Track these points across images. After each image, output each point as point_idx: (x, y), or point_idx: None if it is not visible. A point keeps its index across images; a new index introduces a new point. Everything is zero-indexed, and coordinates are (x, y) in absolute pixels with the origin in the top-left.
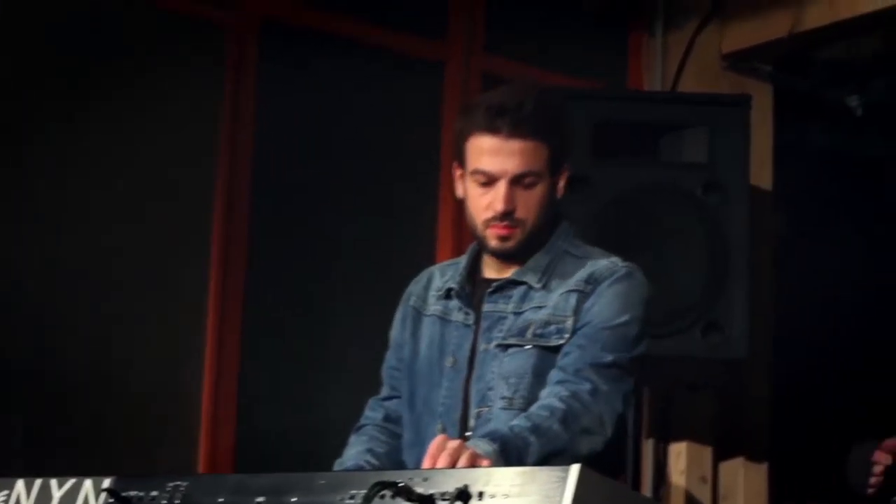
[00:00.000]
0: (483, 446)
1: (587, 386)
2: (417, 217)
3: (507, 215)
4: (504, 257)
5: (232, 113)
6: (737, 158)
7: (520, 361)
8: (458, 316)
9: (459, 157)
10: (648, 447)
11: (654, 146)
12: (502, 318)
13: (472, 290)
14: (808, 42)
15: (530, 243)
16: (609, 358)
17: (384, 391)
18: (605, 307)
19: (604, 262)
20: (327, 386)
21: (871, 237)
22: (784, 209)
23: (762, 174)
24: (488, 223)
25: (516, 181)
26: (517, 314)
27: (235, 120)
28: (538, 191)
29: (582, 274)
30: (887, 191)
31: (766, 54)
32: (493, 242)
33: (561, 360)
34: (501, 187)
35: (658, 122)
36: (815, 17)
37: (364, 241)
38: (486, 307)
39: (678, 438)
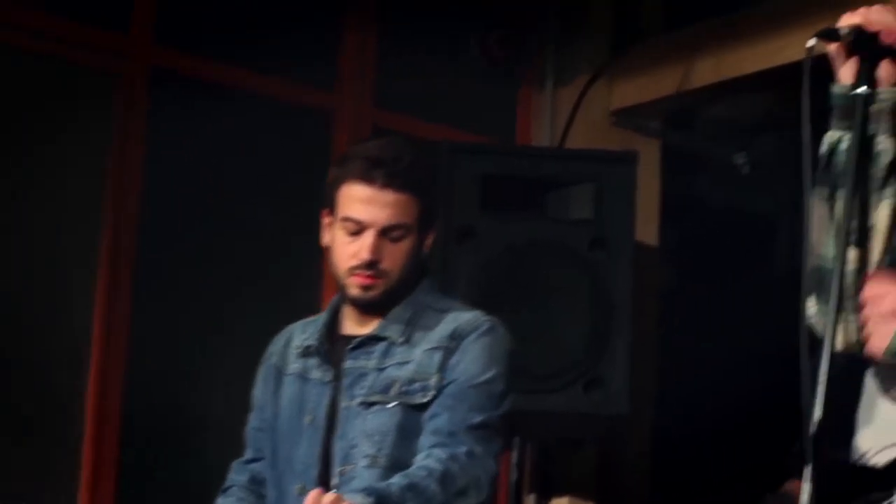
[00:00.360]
0: (359, 500)
1: (463, 449)
2: (304, 264)
3: (372, 265)
4: (364, 308)
5: (119, 160)
6: (622, 215)
7: (383, 419)
8: (316, 373)
9: (330, 205)
10: (530, 502)
11: (542, 201)
12: (364, 375)
13: (332, 346)
14: (695, 99)
15: (392, 296)
16: (480, 419)
17: (248, 453)
18: (471, 364)
19: (466, 317)
20: None
21: (758, 293)
22: (672, 264)
23: (649, 230)
24: (352, 271)
25: (385, 233)
26: (380, 370)
27: (123, 168)
28: (405, 244)
29: (445, 329)
30: (774, 247)
31: (655, 111)
32: (354, 291)
33: (432, 423)
34: (369, 237)
35: (545, 177)
36: (702, 76)
37: (251, 289)
38: (348, 363)
39: (559, 494)
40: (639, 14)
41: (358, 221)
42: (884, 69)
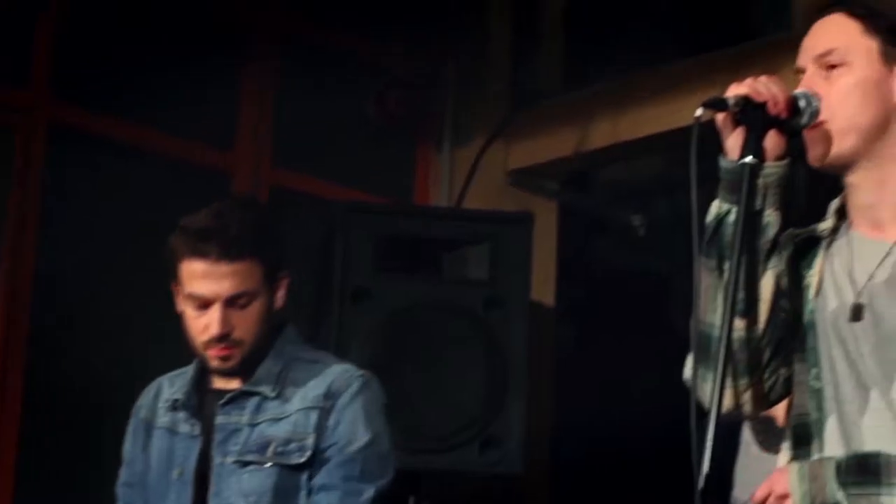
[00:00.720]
0: None
1: None
2: None
3: (224, 338)
4: (228, 374)
5: (16, 216)
6: (518, 275)
7: (260, 479)
8: (185, 427)
9: (174, 277)
10: None
11: (438, 261)
12: (237, 431)
13: (201, 400)
14: (592, 161)
15: (253, 357)
16: (371, 491)
17: None
18: (350, 426)
19: (338, 371)
20: None
21: (653, 352)
22: (570, 324)
23: (545, 290)
24: (206, 345)
25: (230, 303)
26: (252, 426)
27: (20, 223)
28: (254, 308)
29: (319, 386)
30: (670, 306)
31: (552, 172)
32: (214, 363)
33: (324, 497)
34: (216, 311)
35: (441, 237)
36: (599, 137)
37: (145, 346)
38: (220, 419)
39: None
40: (536, 74)
41: (200, 297)
42: (770, 141)
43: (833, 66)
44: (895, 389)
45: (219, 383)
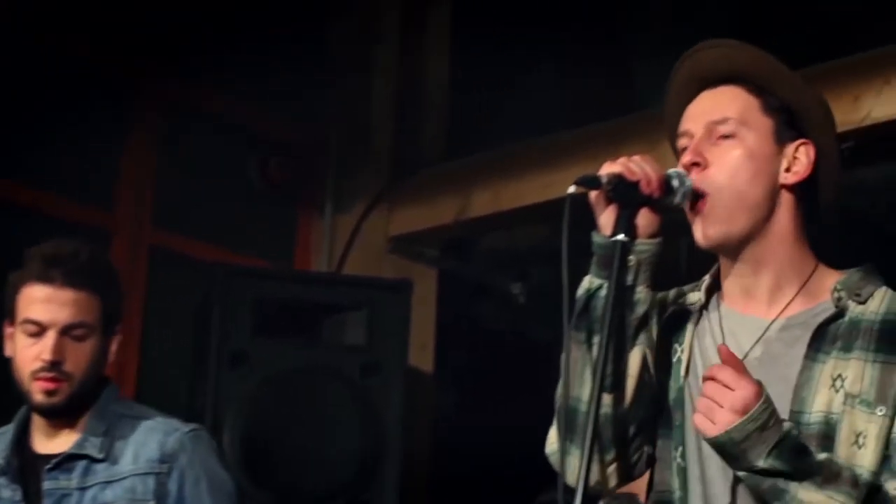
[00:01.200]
0: None
1: None
2: None
3: (54, 366)
4: (50, 415)
5: None
6: (395, 341)
7: None
8: (6, 493)
9: (11, 313)
10: None
11: (317, 326)
12: (66, 496)
13: (22, 463)
14: (473, 229)
15: (77, 401)
16: None
17: None
18: (194, 488)
19: (166, 429)
20: None
21: (534, 418)
22: (450, 390)
23: (424, 356)
24: (35, 375)
25: (66, 332)
26: (82, 489)
27: None
28: (88, 345)
29: (150, 447)
30: (550, 373)
31: (432, 239)
32: (38, 397)
33: None
34: (50, 338)
35: (320, 302)
36: (480, 206)
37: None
38: (47, 484)
39: None
40: (419, 143)
41: (38, 322)
42: (643, 219)
43: (724, 137)
44: None
45: (41, 445)
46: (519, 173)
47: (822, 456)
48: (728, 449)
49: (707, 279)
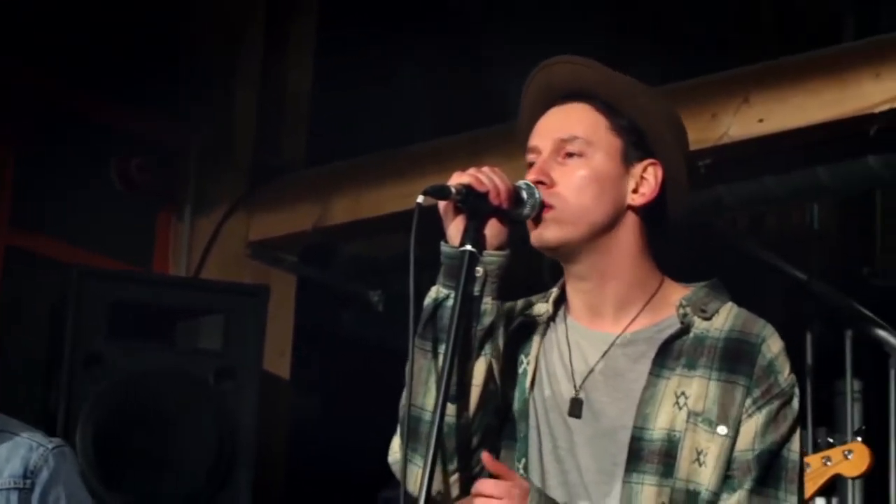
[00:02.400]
0: None
1: None
2: None
3: None
4: None
5: None
6: (251, 346)
7: None
8: None
9: None
10: None
11: (172, 330)
12: None
13: None
14: (332, 236)
15: None
16: None
17: None
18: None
19: (30, 443)
20: None
21: (391, 425)
22: (307, 396)
23: (281, 362)
24: None
25: None
26: None
27: None
28: None
29: (13, 462)
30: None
31: (292, 245)
32: None
33: None
34: None
35: (176, 307)
36: (340, 213)
37: None
38: None
39: None
40: (280, 149)
41: None
42: (491, 230)
43: (572, 155)
44: (604, 489)
45: None
46: (378, 182)
47: None
48: None
49: (555, 291)
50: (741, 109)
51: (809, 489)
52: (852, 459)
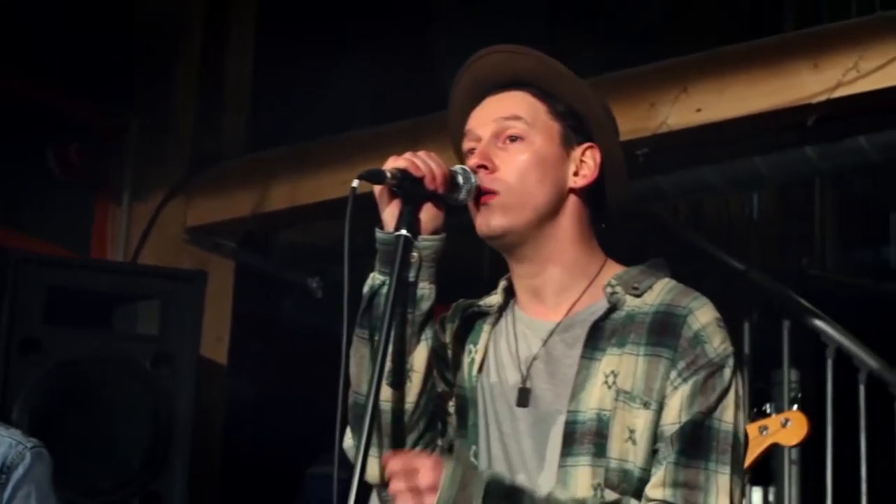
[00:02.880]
0: None
1: None
2: None
3: None
4: None
5: None
6: (188, 332)
7: None
8: None
9: None
10: None
11: (110, 315)
12: None
13: None
14: (271, 223)
15: None
16: None
17: None
18: (25, 500)
19: (9, 441)
20: None
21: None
22: (245, 381)
23: (218, 347)
24: None
25: None
26: None
27: None
28: None
29: None
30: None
31: (230, 231)
32: None
33: None
34: None
35: (113, 292)
36: (278, 200)
37: None
38: None
39: None
40: (219, 136)
41: None
42: (426, 214)
43: (512, 139)
44: (543, 475)
45: None
46: (317, 169)
47: (540, 496)
48: None
49: (504, 281)
50: (680, 99)
51: (746, 459)
52: (790, 428)
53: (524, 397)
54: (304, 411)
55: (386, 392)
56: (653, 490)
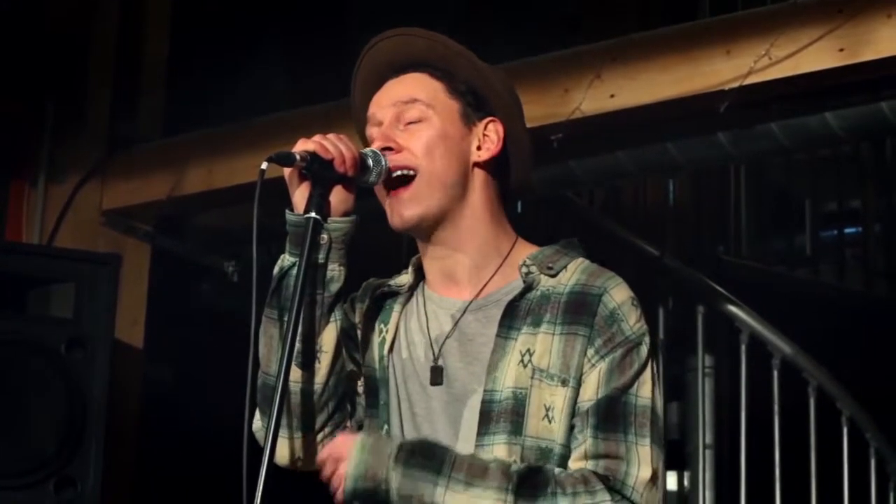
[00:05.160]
0: None
1: None
2: None
3: None
4: None
5: None
6: (103, 315)
7: None
8: None
9: None
10: None
11: (23, 298)
12: None
13: None
14: (186, 206)
15: None
16: None
17: None
18: None
19: None
20: None
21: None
22: (161, 365)
23: (133, 331)
24: None
25: None
26: None
27: None
28: None
29: None
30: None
31: (146, 214)
32: None
33: None
34: None
35: (26, 274)
36: (193, 183)
37: None
38: None
39: None
40: (135, 118)
41: None
42: (336, 196)
43: (412, 122)
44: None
45: None
46: (233, 152)
47: (461, 454)
48: (364, 487)
49: (415, 261)
50: (593, 85)
51: None
52: None
53: (437, 375)
54: (219, 395)
55: (295, 373)
56: (575, 463)
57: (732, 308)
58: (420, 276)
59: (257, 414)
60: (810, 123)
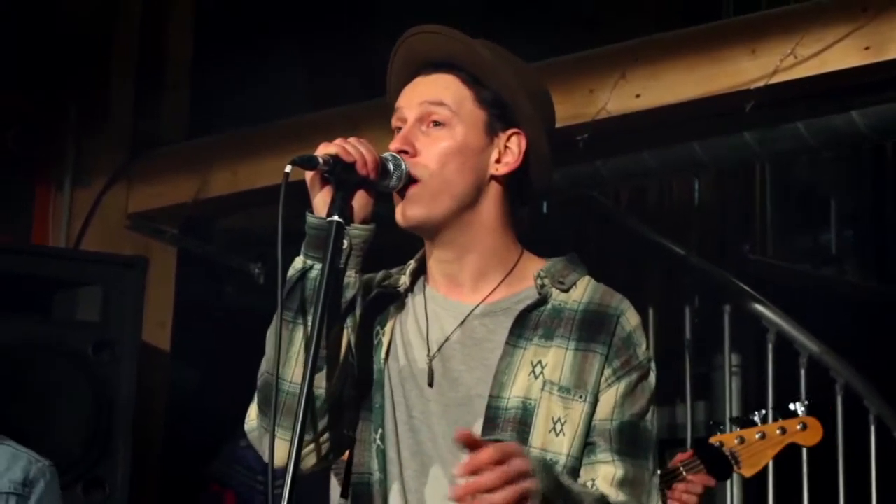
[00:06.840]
0: None
1: None
2: None
3: None
4: None
5: None
6: (130, 318)
7: None
8: None
9: None
10: None
11: (49, 302)
12: None
13: None
14: (212, 208)
15: None
16: None
17: None
18: None
19: (28, 457)
20: None
21: None
22: (188, 367)
23: (161, 334)
24: None
25: None
26: None
27: None
28: None
29: (13, 470)
30: None
31: (172, 217)
32: None
33: None
34: None
35: (53, 278)
36: (219, 186)
37: None
38: None
39: None
40: (159, 121)
41: None
42: (358, 201)
43: (437, 124)
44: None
45: None
46: (257, 154)
47: (575, 486)
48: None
49: (412, 263)
50: (619, 85)
51: (768, 455)
52: (807, 432)
53: (432, 376)
54: (246, 397)
55: (300, 376)
56: (603, 485)
57: (759, 307)
58: (417, 277)
59: (251, 412)
60: (836, 122)
